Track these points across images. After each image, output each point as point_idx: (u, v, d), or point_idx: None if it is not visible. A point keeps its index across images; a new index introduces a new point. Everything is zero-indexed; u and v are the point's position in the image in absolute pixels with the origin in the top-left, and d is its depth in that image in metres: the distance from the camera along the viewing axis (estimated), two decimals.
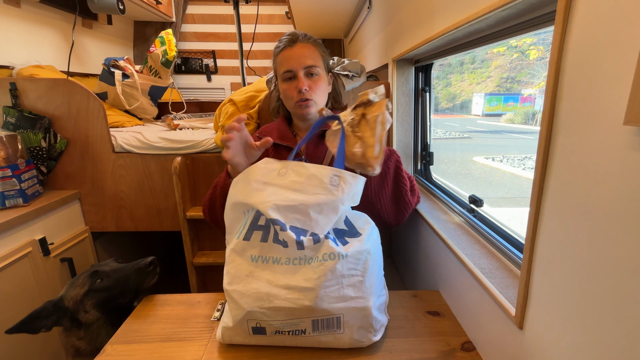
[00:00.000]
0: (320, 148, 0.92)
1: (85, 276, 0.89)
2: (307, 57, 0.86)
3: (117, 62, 1.79)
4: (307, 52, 0.86)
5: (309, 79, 0.87)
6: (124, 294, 0.88)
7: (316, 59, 0.87)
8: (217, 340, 0.71)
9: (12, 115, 1.28)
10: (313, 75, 0.87)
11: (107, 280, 0.88)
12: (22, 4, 1.64)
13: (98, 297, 0.87)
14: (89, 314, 0.86)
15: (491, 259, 0.73)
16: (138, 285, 0.89)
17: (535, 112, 1.58)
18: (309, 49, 0.87)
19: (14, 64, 1.54)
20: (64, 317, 0.86)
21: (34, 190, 1.26)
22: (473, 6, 0.68)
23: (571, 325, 0.43)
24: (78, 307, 0.86)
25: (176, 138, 1.39)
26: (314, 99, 0.87)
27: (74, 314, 0.86)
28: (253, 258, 0.66)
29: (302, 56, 0.86)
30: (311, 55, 0.86)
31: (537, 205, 0.49)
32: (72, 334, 0.87)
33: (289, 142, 0.92)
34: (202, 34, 2.95)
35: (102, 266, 0.93)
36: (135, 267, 0.90)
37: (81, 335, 0.86)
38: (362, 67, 1.33)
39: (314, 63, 0.86)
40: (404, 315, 0.79)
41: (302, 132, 0.97)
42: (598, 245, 0.38)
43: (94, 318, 0.86)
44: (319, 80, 0.88)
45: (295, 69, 0.85)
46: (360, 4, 1.85)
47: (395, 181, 0.88)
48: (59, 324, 0.86)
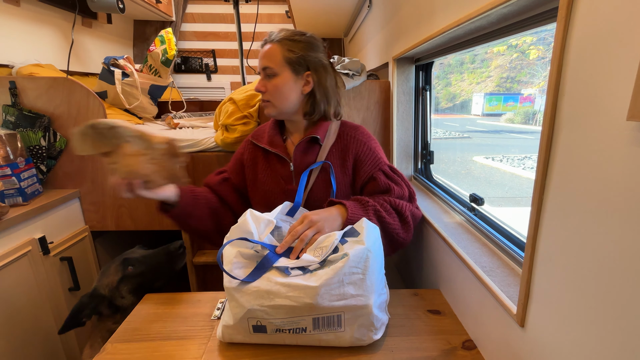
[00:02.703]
0: (309, 155, 0.90)
1: (116, 265, 0.94)
2: (265, 58, 0.85)
3: (117, 61, 1.78)
4: (267, 52, 0.85)
5: (268, 80, 0.86)
6: (158, 278, 0.95)
7: (273, 59, 0.84)
8: (218, 339, 0.71)
9: (11, 114, 1.28)
10: (269, 76, 0.85)
11: (139, 266, 0.94)
12: (22, 3, 1.63)
13: (133, 283, 0.93)
14: (125, 299, 0.93)
15: (492, 257, 0.73)
16: (170, 268, 0.96)
17: (535, 112, 1.58)
18: (273, 49, 0.84)
19: (13, 62, 1.54)
20: (102, 304, 0.92)
21: (34, 189, 1.26)
22: (474, 3, 0.67)
23: (573, 322, 0.43)
24: (114, 293, 0.92)
25: (176, 137, 1.38)
26: (271, 101, 0.86)
27: (111, 300, 0.93)
28: None
29: (263, 57, 0.85)
30: (269, 55, 0.84)
31: (539, 202, 0.48)
32: (109, 319, 0.93)
33: (278, 148, 0.91)
34: (202, 33, 2.95)
35: (131, 254, 0.98)
36: (166, 251, 0.96)
37: (117, 319, 0.92)
38: (363, 66, 1.33)
39: (268, 64, 0.84)
40: (405, 313, 0.79)
41: (291, 135, 0.95)
42: (600, 242, 0.38)
43: (130, 302, 0.92)
44: (275, 80, 0.85)
45: (259, 70, 0.87)
46: (361, 2, 1.85)
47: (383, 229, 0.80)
48: (98, 311, 0.92)
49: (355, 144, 0.91)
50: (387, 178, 0.89)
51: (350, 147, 0.91)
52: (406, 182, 0.91)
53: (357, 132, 0.93)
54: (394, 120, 1.31)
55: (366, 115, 1.38)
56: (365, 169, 0.90)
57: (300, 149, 0.89)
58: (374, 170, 0.90)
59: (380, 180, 0.88)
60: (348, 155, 0.90)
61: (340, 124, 0.95)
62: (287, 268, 0.66)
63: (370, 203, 0.82)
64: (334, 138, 0.92)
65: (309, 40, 0.86)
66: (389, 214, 0.82)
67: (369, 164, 0.90)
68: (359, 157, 0.90)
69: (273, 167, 0.92)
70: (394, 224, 0.82)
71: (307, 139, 0.89)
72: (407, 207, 0.85)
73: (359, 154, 0.91)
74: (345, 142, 0.91)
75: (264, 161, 0.94)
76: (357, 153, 0.91)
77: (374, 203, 0.82)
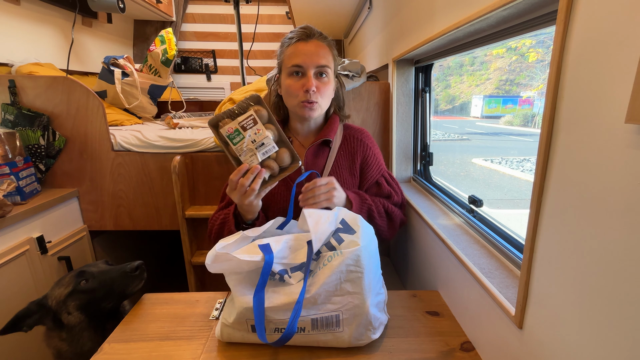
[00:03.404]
0: (319, 158, 0.90)
1: (71, 276, 0.86)
2: (321, 57, 0.80)
3: (117, 61, 1.78)
4: (321, 51, 0.80)
5: (318, 80, 0.81)
6: (107, 298, 0.85)
7: (329, 61, 0.82)
8: (216, 339, 0.71)
9: (10, 112, 1.27)
10: (323, 76, 0.81)
11: (92, 282, 0.85)
12: (22, 2, 1.63)
13: (82, 299, 0.84)
14: (71, 316, 0.84)
15: (491, 259, 0.73)
16: (122, 290, 0.86)
17: (534, 115, 1.59)
18: (323, 48, 0.81)
19: (13, 61, 1.54)
20: (47, 317, 0.84)
21: (32, 188, 1.26)
22: (474, 6, 0.68)
23: (571, 324, 0.43)
24: (61, 307, 0.84)
25: (175, 137, 1.39)
26: (319, 102, 0.82)
27: (56, 314, 0.84)
28: None
29: (316, 54, 0.79)
30: (325, 55, 0.81)
31: (538, 204, 0.49)
32: (55, 335, 0.85)
33: None
34: (202, 33, 2.95)
35: (91, 267, 0.90)
36: (121, 271, 0.86)
37: (63, 336, 0.84)
38: (362, 67, 1.33)
39: (327, 64, 0.80)
40: (403, 315, 0.79)
41: (299, 136, 0.92)
42: (599, 244, 0.38)
43: (76, 320, 0.84)
44: (328, 83, 0.83)
45: (307, 66, 0.79)
46: (361, 4, 1.86)
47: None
48: (42, 323, 0.84)
49: (362, 147, 0.93)
50: (388, 185, 0.95)
51: (358, 149, 0.93)
52: (401, 190, 0.99)
53: (363, 136, 0.95)
54: (394, 122, 1.32)
55: (366, 117, 1.38)
56: (371, 173, 0.94)
57: (311, 152, 0.90)
58: (378, 176, 0.95)
59: (383, 187, 0.94)
60: (356, 157, 0.92)
61: (344, 126, 0.97)
62: (287, 271, 0.66)
63: (367, 202, 0.88)
64: (340, 139, 0.93)
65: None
66: (380, 215, 0.89)
67: (374, 169, 0.94)
68: (366, 161, 0.93)
69: None
70: (382, 226, 0.89)
71: (319, 142, 0.88)
72: (399, 214, 0.95)
73: (366, 158, 0.93)
74: (353, 144, 0.93)
75: None
76: (364, 157, 0.93)
77: (370, 204, 0.88)
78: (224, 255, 0.63)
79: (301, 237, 0.71)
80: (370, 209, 0.87)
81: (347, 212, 0.74)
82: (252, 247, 0.66)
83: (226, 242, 0.66)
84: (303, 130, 0.92)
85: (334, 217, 0.71)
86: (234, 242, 0.67)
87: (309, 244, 0.67)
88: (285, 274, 0.66)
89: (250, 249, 0.66)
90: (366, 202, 0.88)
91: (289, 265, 0.67)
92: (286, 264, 0.66)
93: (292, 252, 0.69)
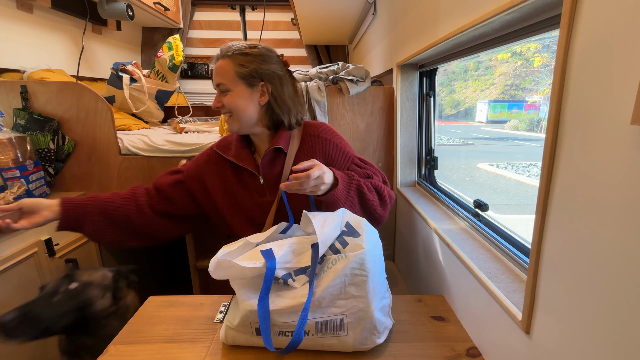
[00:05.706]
0: (275, 166, 0.90)
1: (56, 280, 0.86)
2: (218, 74, 0.85)
3: (125, 67, 1.82)
4: (219, 69, 0.85)
5: (222, 95, 0.86)
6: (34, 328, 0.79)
7: (225, 75, 0.84)
8: (220, 342, 0.71)
9: (22, 117, 1.30)
10: (224, 92, 0.85)
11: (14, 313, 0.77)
12: (35, 10, 1.68)
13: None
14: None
15: (497, 263, 0.72)
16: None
17: (540, 119, 1.58)
18: (225, 65, 0.84)
19: (25, 67, 1.57)
20: None
21: (42, 192, 1.28)
22: (478, 10, 0.68)
23: (579, 329, 0.43)
24: None
25: (182, 141, 1.41)
26: (233, 116, 0.87)
27: None
28: None
29: (216, 74, 0.85)
30: (221, 71, 0.84)
31: (544, 208, 0.48)
32: None
33: (246, 162, 0.90)
34: (208, 39, 2.99)
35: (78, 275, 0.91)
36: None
37: None
38: (367, 72, 1.34)
39: (220, 80, 0.85)
40: (408, 320, 0.78)
41: (258, 148, 0.94)
42: (606, 248, 0.38)
43: None
44: (231, 96, 0.85)
45: (215, 86, 0.87)
46: (365, 9, 1.88)
47: (362, 204, 0.86)
48: None
49: (321, 143, 0.91)
50: (361, 169, 0.93)
51: (317, 147, 0.91)
52: (378, 170, 0.95)
53: (320, 130, 0.93)
54: (398, 126, 1.32)
55: (370, 121, 1.38)
56: (338, 164, 0.91)
57: (266, 160, 0.89)
58: (347, 164, 0.92)
59: (357, 172, 0.91)
60: (316, 156, 0.90)
61: (302, 126, 0.95)
62: (290, 275, 0.66)
63: (355, 178, 0.85)
64: (297, 143, 0.91)
65: (260, 52, 0.86)
66: (369, 190, 0.86)
67: (339, 160, 0.91)
68: (329, 156, 0.91)
69: (244, 180, 0.92)
70: (374, 201, 0.87)
71: (271, 150, 0.89)
72: (386, 189, 0.91)
73: (328, 153, 0.91)
74: (311, 144, 0.91)
75: (233, 173, 0.93)
76: (325, 152, 0.91)
77: (358, 179, 0.86)
78: (225, 262, 0.64)
79: (304, 240, 0.71)
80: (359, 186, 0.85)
81: (351, 214, 0.74)
82: (254, 253, 0.67)
83: (229, 249, 0.66)
84: (258, 141, 0.94)
85: (339, 219, 0.71)
86: (237, 249, 0.67)
87: (314, 248, 0.67)
88: (289, 277, 0.66)
89: (253, 255, 0.66)
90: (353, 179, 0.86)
91: (292, 269, 0.67)
92: (290, 268, 0.66)
93: (296, 256, 0.69)
